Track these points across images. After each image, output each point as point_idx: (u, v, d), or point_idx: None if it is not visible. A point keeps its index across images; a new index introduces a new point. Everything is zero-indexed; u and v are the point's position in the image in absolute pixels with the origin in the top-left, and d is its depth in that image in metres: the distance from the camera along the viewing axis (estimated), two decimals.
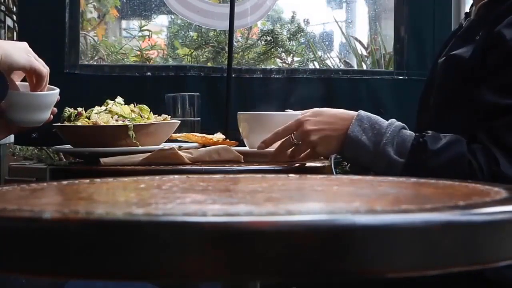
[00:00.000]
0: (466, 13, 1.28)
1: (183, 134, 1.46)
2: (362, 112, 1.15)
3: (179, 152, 1.25)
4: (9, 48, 1.15)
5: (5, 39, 3.20)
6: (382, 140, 1.10)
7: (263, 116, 1.40)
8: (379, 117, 1.15)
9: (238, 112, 1.48)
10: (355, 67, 2.90)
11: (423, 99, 1.27)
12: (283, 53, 3.02)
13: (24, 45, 1.19)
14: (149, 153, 1.26)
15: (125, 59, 3.04)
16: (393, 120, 1.15)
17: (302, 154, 1.22)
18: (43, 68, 1.18)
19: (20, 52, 1.17)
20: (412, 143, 1.09)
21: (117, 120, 1.34)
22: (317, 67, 2.97)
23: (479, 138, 1.06)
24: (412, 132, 1.12)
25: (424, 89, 1.28)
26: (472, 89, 1.08)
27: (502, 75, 1.05)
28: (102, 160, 1.26)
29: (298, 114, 1.28)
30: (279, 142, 1.24)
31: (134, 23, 3.31)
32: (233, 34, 2.09)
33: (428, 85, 1.27)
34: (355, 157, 1.15)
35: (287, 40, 2.95)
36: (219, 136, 1.46)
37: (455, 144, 1.07)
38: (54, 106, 1.28)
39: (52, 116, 1.24)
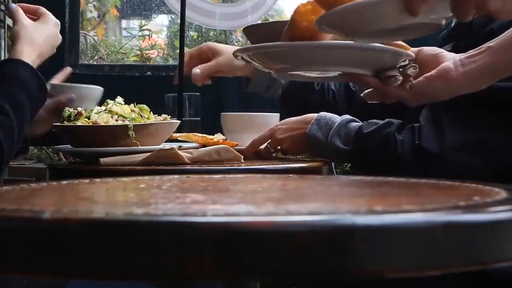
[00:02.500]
0: None
1: (183, 134, 1.47)
2: (323, 113, 1.26)
3: (179, 152, 1.25)
4: (46, 47, 1.26)
5: (5, 39, 3.20)
6: (330, 133, 1.22)
7: (244, 116, 1.52)
8: (336, 116, 1.25)
9: (222, 113, 1.53)
10: None
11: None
12: None
13: (52, 29, 1.30)
14: (149, 153, 1.26)
15: (125, 59, 3.04)
16: (346, 115, 1.25)
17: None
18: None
19: (52, 43, 1.29)
20: (355, 131, 1.19)
21: (117, 120, 1.34)
22: None
23: (422, 116, 1.10)
24: (359, 123, 1.21)
25: None
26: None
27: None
28: (102, 160, 1.26)
29: (277, 115, 1.38)
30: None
31: (134, 23, 3.31)
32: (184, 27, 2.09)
33: None
34: (318, 153, 1.28)
35: None
36: (219, 136, 1.46)
37: (385, 125, 1.16)
38: None
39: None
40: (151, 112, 1.41)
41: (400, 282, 0.93)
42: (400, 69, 1.00)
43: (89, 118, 1.35)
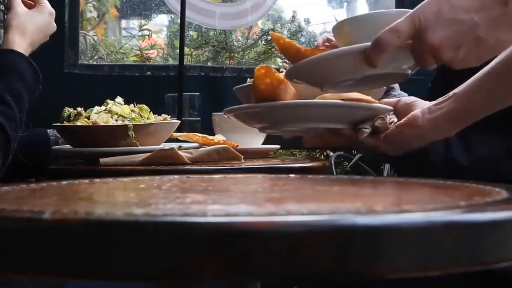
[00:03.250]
0: None
1: (183, 134, 1.47)
2: None
3: (179, 152, 1.25)
4: (38, 36, 1.26)
5: None
6: None
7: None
8: None
9: (213, 113, 1.53)
10: None
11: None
12: None
13: (45, 17, 1.28)
14: (149, 153, 1.26)
15: (124, 59, 3.04)
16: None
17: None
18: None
19: (45, 31, 1.27)
20: None
21: (116, 120, 1.34)
22: None
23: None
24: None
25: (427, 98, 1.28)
26: None
27: None
28: (102, 160, 1.26)
29: None
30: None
31: (134, 23, 3.31)
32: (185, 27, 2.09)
33: (431, 94, 1.26)
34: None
35: None
36: (220, 137, 1.46)
37: None
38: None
39: None
40: (151, 112, 1.41)
41: (400, 282, 0.93)
42: (370, 122, 1.01)
43: (88, 118, 1.35)
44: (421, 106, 1.01)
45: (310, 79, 0.91)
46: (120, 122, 1.33)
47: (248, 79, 1.51)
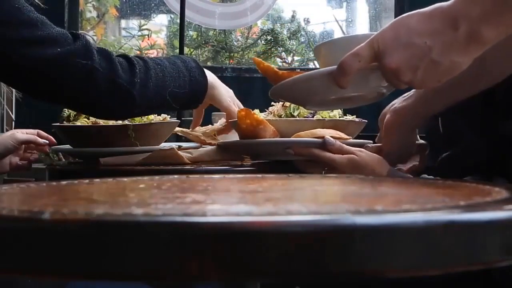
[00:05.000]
0: None
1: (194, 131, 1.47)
2: (393, 170, 1.16)
3: (179, 152, 1.25)
4: (221, 91, 1.33)
5: None
6: None
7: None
8: (409, 176, 1.17)
9: (213, 113, 1.54)
10: None
11: (431, 119, 1.27)
12: (283, 53, 3.02)
13: (231, 93, 1.38)
14: (148, 153, 1.26)
15: None
16: (425, 176, 1.15)
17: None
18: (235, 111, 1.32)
19: (228, 93, 1.36)
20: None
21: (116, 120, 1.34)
22: (318, 66, 2.97)
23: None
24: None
25: None
26: (478, 114, 1.09)
27: None
28: (102, 160, 1.26)
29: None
30: None
31: (134, 23, 3.31)
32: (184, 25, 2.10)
33: None
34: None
35: (287, 39, 2.96)
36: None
37: None
38: None
39: None
40: None
41: (400, 282, 0.93)
42: None
43: (88, 118, 1.35)
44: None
45: (291, 98, 1.01)
46: (120, 122, 1.33)
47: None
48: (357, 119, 1.33)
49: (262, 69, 1.04)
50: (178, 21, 2.20)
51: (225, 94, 1.34)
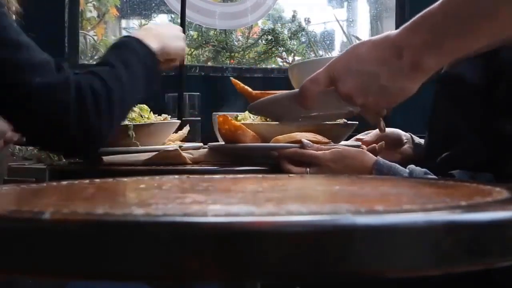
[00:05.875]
0: None
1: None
2: (379, 160, 1.17)
3: (182, 153, 1.26)
4: (168, 39, 1.23)
5: None
6: None
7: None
8: (396, 165, 1.16)
9: (213, 113, 1.54)
10: None
11: (431, 119, 1.27)
12: (284, 52, 3.02)
13: (178, 31, 1.29)
14: (151, 153, 1.26)
15: None
16: (412, 166, 1.15)
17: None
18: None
19: (177, 43, 1.27)
20: None
21: None
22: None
23: (508, 170, 1.05)
24: (435, 177, 1.11)
25: (431, 108, 1.28)
26: (478, 115, 1.08)
27: None
28: (105, 158, 1.26)
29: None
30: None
31: (134, 22, 3.31)
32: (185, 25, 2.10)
33: (434, 104, 1.26)
34: None
35: (288, 39, 2.96)
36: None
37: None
38: None
39: None
40: (151, 112, 1.41)
41: (400, 282, 0.93)
42: None
43: None
44: None
45: (269, 114, 1.10)
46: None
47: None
48: (342, 122, 1.32)
49: (239, 89, 1.20)
50: (179, 21, 2.20)
51: (175, 40, 1.27)
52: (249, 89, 1.17)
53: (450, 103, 1.17)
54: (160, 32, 1.23)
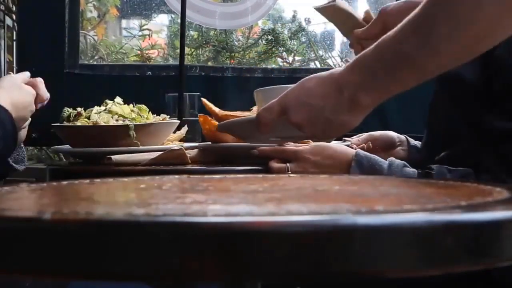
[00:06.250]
0: None
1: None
2: (359, 152, 1.18)
3: (186, 152, 1.27)
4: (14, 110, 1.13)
5: (4, 39, 3.20)
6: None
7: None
8: (377, 157, 1.17)
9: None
10: None
11: (430, 118, 1.27)
12: (284, 53, 3.02)
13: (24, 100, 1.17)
14: (156, 152, 1.27)
15: (125, 59, 3.03)
16: (392, 159, 1.16)
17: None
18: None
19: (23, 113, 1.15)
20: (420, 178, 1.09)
21: (117, 120, 1.34)
22: (319, 66, 2.97)
23: (486, 164, 1.05)
24: (414, 170, 1.12)
25: (430, 107, 1.28)
26: (478, 115, 1.08)
27: (510, 101, 1.04)
28: (113, 157, 1.26)
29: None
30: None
31: (134, 22, 3.31)
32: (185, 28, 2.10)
33: (433, 103, 1.26)
34: None
35: (288, 39, 2.95)
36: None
37: (465, 178, 1.07)
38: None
39: None
40: (150, 112, 1.41)
41: (400, 282, 0.93)
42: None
43: (89, 118, 1.35)
44: None
45: (237, 134, 1.17)
46: (120, 122, 1.33)
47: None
48: None
49: (208, 109, 1.32)
50: (179, 21, 2.20)
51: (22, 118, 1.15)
52: (216, 111, 1.29)
53: (449, 102, 1.17)
54: (16, 98, 1.15)
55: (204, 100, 1.39)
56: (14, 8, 3.00)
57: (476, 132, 1.09)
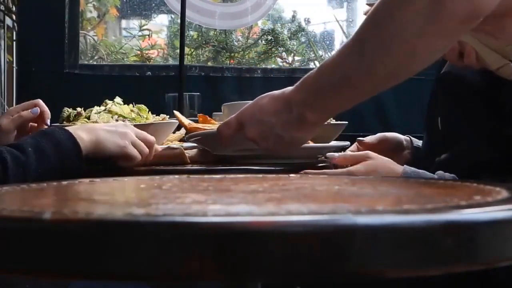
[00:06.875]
0: None
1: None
2: (407, 168, 1.15)
3: (185, 152, 1.27)
4: (104, 134, 1.15)
5: (4, 39, 3.20)
6: None
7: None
8: (425, 172, 1.14)
9: (213, 113, 1.54)
10: None
11: (429, 119, 1.26)
12: (283, 53, 3.02)
13: (124, 128, 1.19)
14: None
15: (125, 59, 3.03)
16: (441, 172, 1.12)
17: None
18: (137, 153, 1.18)
19: (115, 138, 1.16)
20: None
21: (117, 120, 1.34)
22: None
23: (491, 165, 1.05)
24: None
25: (428, 107, 1.27)
26: (480, 116, 1.08)
27: None
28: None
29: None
30: None
31: (134, 23, 3.31)
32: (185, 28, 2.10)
33: (432, 104, 1.26)
34: None
35: (288, 40, 2.95)
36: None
37: None
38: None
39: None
40: (149, 112, 1.41)
41: (400, 282, 0.93)
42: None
43: (88, 119, 1.35)
44: None
45: (203, 146, 1.23)
46: (120, 122, 1.33)
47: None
48: (333, 122, 1.32)
49: (179, 121, 1.33)
50: (179, 21, 2.20)
51: (113, 136, 1.16)
52: (186, 123, 1.31)
53: (450, 103, 1.17)
54: (97, 127, 1.17)
55: (176, 112, 1.40)
56: (14, 8, 3.00)
57: (477, 133, 1.09)
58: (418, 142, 1.42)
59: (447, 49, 0.81)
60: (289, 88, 0.91)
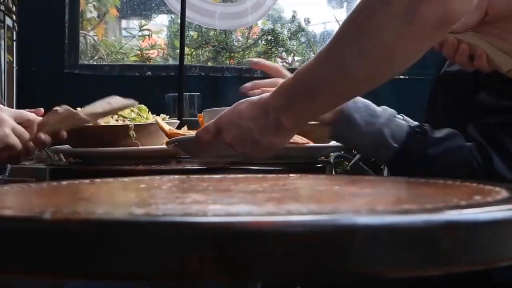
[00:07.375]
0: None
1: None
2: (362, 99, 1.15)
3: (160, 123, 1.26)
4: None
5: (4, 39, 3.20)
6: (378, 121, 1.09)
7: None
8: (370, 102, 1.15)
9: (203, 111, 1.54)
10: None
11: (429, 119, 1.26)
12: (283, 53, 3.02)
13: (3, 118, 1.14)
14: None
15: (125, 59, 3.03)
16: (385, 107, 1.15)
17: None
18: (18, 142, 1.12)
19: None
20: (408, 130, 1.09)
21: (117, 120, 1.34)
22: None
23: (470, 134, 1.06)
24: (404, 122, 1.12)
25: (428, 107, 1.27)
26: (478, 113, 1.08)
27: (500, 81, 1.04)
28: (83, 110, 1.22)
29: None
30: None
31: (134, 23, 3.31)
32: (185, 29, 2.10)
33: (431, 103, 1.26)
34: (344, 134, 1.13)
35: (288, 40, 2.95)
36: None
37: (454, 136, 1.09)
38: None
39: None
40: (150, 112, 1.41)
41: (400, 282, 0.93)
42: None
43: None
44: None
45: (183, 151, 1.23)
46: (120, 122, 1.33)
47: None
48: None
49: (159, 127, 1.30)
50: (179, 21, 2.20)
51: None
52: (166, 129, 1.30)
53: (449, 102, 1.17)
54: None
55: (157, 117, 1.36)
56: (14, 8, 3.00)
57: (475, 132, 1.09)
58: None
59: (423, 53, 0.81)
60: (267, 94, 0.92)
